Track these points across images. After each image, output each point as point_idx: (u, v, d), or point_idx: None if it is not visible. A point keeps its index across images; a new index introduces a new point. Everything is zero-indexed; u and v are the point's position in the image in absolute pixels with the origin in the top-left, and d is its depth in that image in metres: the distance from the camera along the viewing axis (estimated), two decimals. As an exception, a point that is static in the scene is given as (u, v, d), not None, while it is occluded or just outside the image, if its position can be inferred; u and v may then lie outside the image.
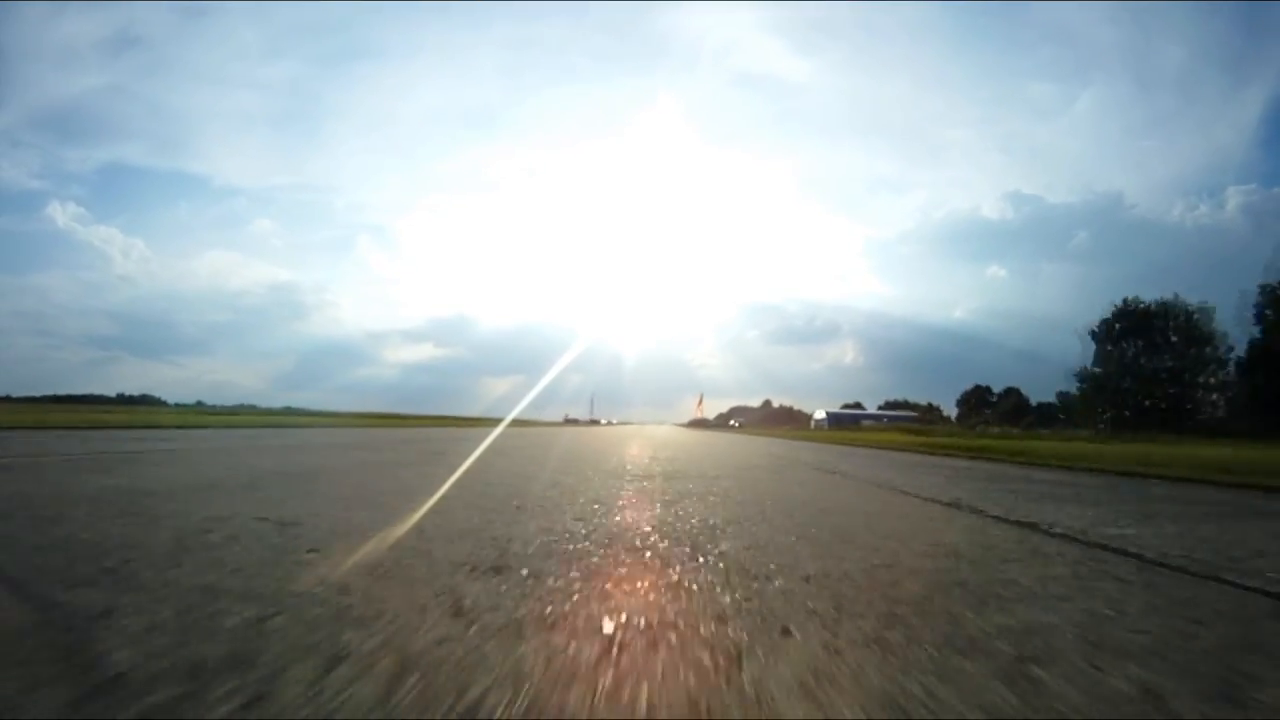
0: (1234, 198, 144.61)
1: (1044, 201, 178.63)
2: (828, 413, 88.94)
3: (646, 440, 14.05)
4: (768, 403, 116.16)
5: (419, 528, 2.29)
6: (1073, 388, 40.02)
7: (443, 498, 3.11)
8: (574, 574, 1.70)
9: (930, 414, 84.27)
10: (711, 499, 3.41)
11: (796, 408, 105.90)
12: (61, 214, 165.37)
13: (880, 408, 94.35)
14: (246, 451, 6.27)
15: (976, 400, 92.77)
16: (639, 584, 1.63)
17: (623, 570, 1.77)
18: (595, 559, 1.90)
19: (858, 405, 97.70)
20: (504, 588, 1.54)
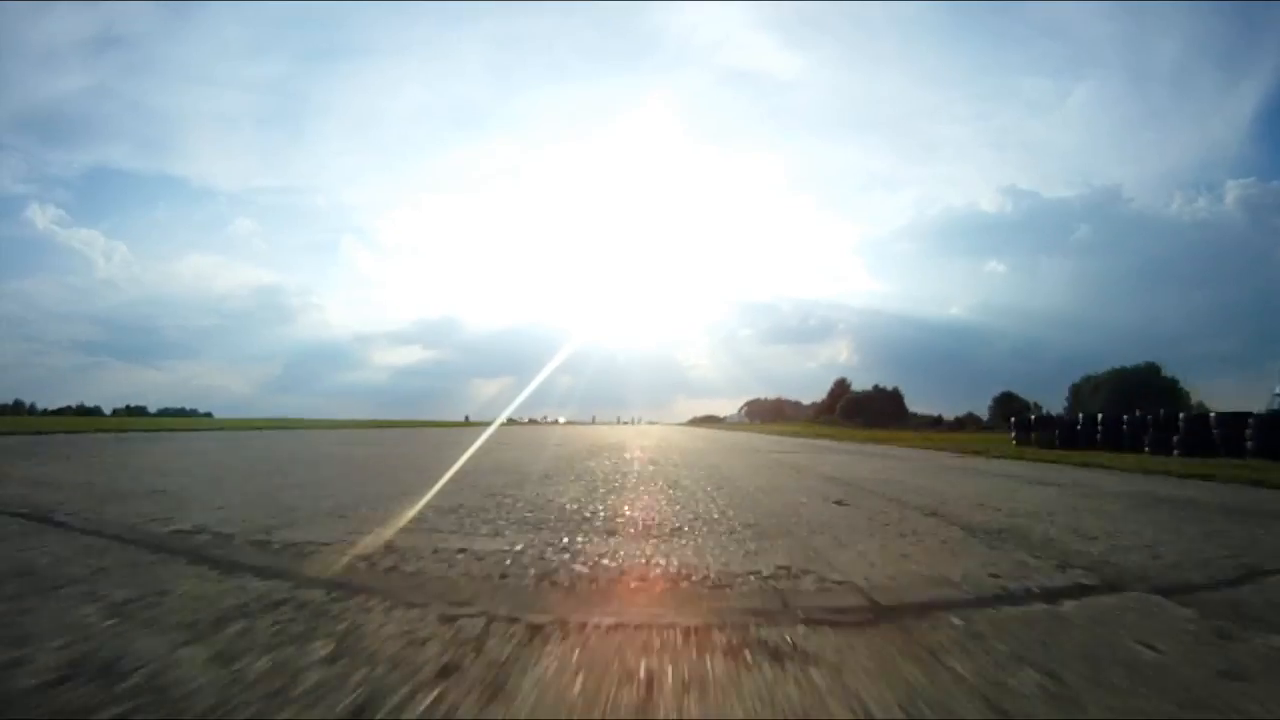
0: (1232, 191, 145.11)
1: (1040, 196, 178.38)
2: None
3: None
4: (843, 379, 69.65)
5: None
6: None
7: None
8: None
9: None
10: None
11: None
12: (41, 217, 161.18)
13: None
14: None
15: None
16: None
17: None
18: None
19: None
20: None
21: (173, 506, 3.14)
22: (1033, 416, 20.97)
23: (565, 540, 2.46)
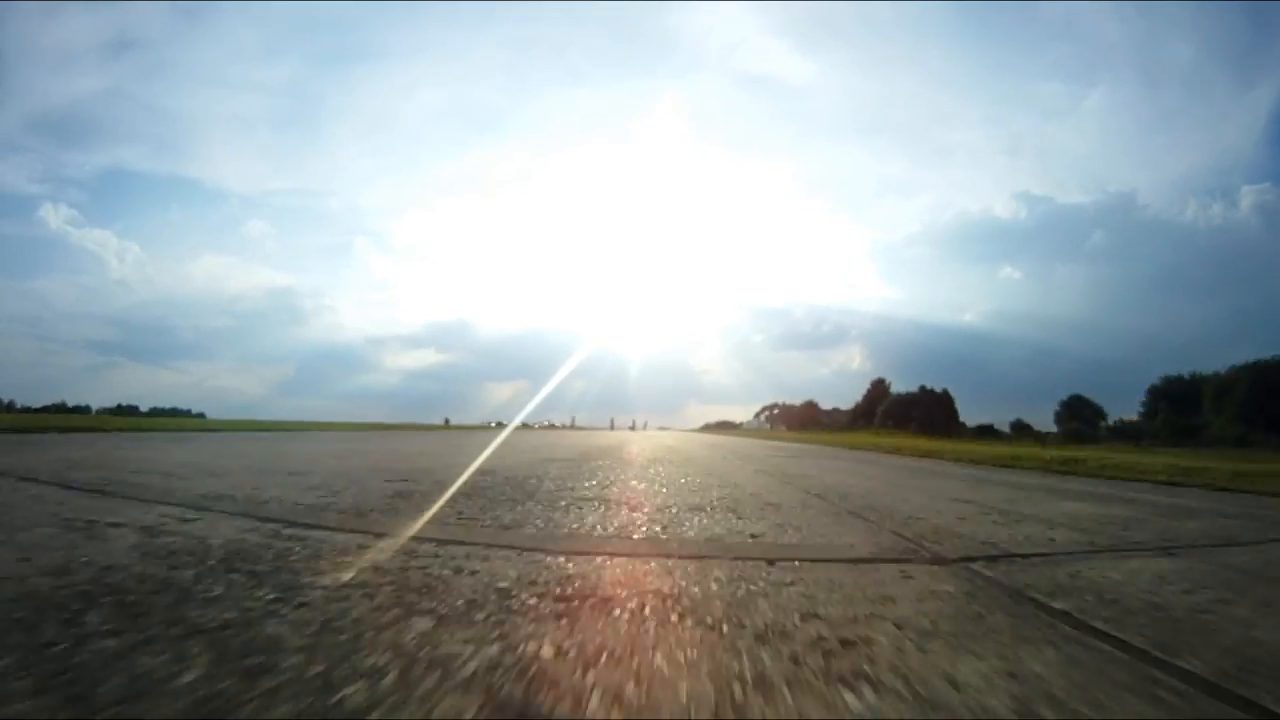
0: (1248, 197, 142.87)
1: (1055, 202, 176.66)
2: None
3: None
4: (880, 380, 60.30)
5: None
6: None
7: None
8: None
9: None
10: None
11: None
12: (55, 217, 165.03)
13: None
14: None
15: None
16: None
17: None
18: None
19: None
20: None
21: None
22: None
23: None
